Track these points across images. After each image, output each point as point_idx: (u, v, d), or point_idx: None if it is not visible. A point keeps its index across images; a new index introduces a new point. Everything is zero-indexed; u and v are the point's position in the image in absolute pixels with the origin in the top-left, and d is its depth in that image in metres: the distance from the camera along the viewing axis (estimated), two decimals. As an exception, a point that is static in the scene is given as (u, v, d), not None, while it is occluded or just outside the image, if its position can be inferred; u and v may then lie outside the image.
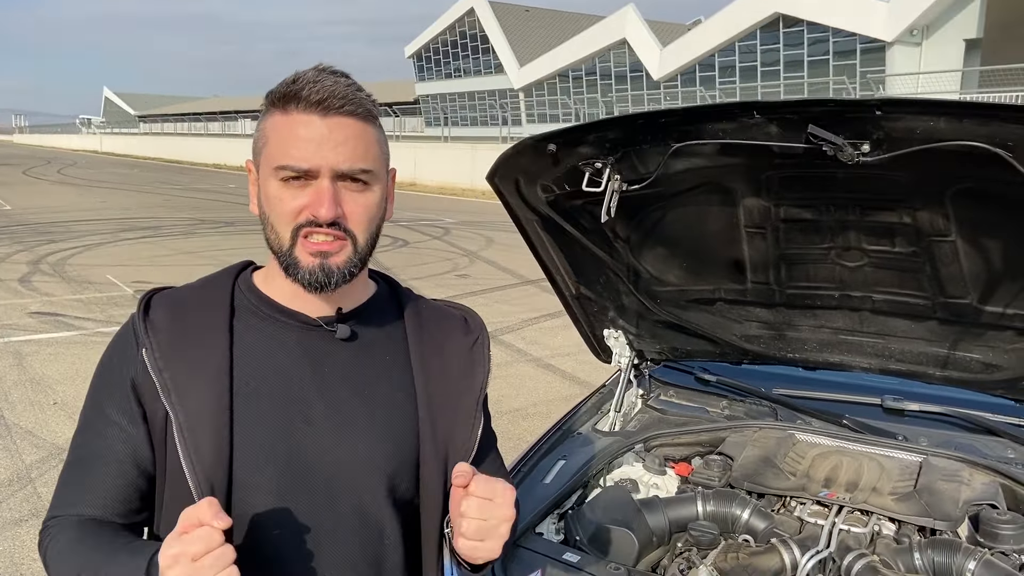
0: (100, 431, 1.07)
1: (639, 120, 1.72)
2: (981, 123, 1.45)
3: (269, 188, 1.01)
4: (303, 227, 0.99)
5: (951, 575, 1.81)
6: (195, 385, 1.01)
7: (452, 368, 1.11)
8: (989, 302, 1.94)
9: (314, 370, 1.04)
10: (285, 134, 0.98)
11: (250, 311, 1.07)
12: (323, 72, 0.97)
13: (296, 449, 1.02)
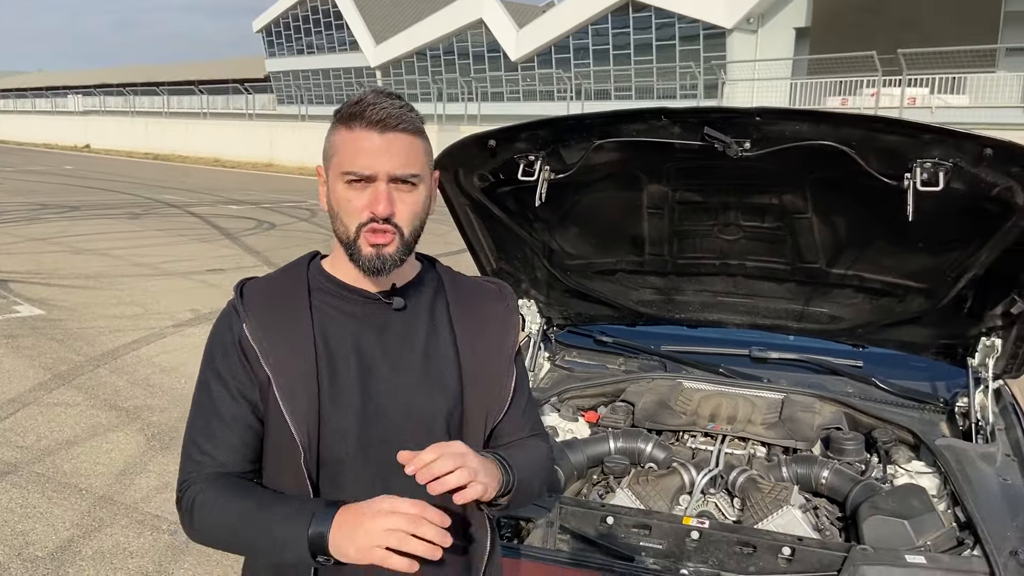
0: (221, 396, 1.27)
1: (568, 121, 2.07)
2: (833, 127, 1.90)
3: (337, 190, 1.25)
4: (365, 224, 1.24)
5: (810, 482, 2.30)
6: (287, 351, 1.25)
7: (488, 329, 1.38)
8: (835, 266, 2.43)
9: (377, 335, 1.29)
10: (350, 147, 1.22)
11: (323, 290, 1.31)
12: (380, 95, 1.22)
13: (369, 399, 1.27)
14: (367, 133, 1.21)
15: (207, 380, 1.29)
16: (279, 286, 1.32)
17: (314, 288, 1.30)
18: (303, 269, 1.33)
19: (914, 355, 2.71)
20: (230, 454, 1.27)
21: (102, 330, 7.17)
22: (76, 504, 3.97)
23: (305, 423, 1.22)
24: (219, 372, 1.27)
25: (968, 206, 1.99)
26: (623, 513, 2.16)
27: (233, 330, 1.27)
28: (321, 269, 1.33)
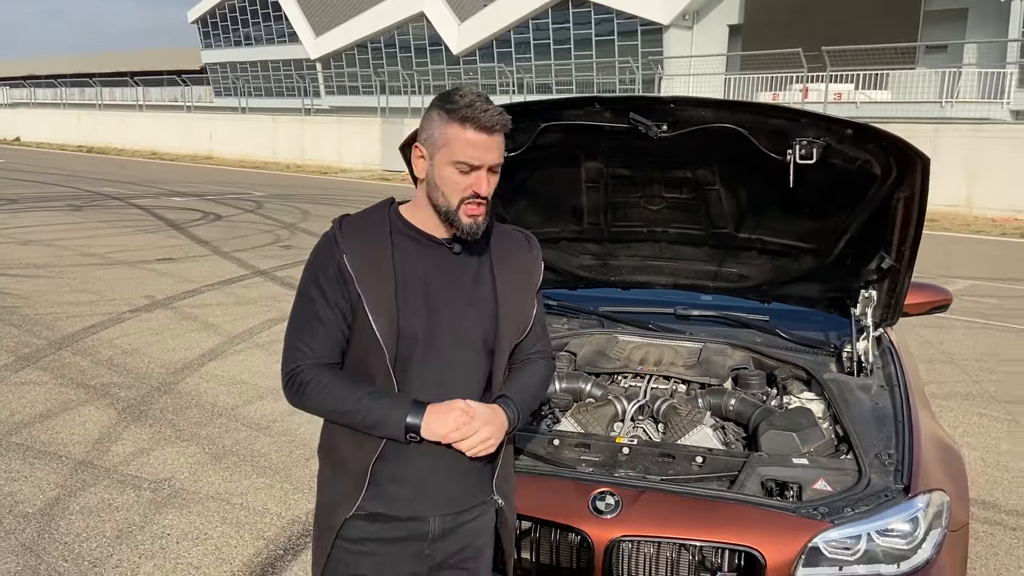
0: (323, 302, 1.66)
1: (518, 107, 2.48)
2: (731, 112, 2.35)
3: (445, 171, 1.62)
4: (466, 199, 1.64)
5: (720, 409, 2.77)
6: (374, 276, 1.64)
7: (518, 271, 1.80)
8: (741, 230, 2.90)
9: (438, 270, 1.70)
10: (463, 141, 1.60)
11: (401, 232, 1.69)
12: (484, 100, 1.61)
13: (433, 314, 1.68)
14: (478, 134, 1.61)
15: (309, 292, 1.67)
16: (370, 223, 1.70)
17: (394, 230, 1.70)
18: (385, 213, 1.72)
19: (811, 309, 3.21)
20: (325, 349, 1.67)
21: (59, 316, 7.33)
22: (58, 468, 4.23)
23: (388, 332, 1.64)
24: (321, 288, 1.67)
25: (840, 178, 2.46)
26: (567, 436, 2.59)
27: (334, 256, 1.66)
28: (400, 215, 1.73)
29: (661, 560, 2.16)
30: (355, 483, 1.72)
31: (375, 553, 1.75)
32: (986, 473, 4.31)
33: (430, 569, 1.80)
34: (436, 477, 1.73)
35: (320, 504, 1.82)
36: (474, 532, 1.83)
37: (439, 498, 1.75)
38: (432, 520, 1.76)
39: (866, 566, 2.14)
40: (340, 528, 1.75)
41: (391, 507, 1.73)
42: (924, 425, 2.59)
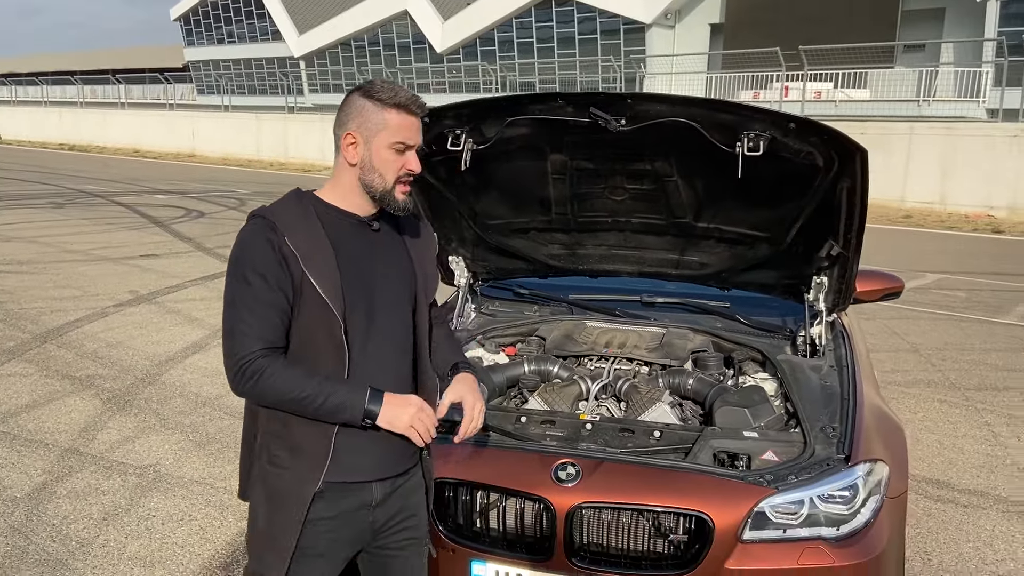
0: (267, 289, 1.73)
1: (487, 102, 2.62)
2: (685, 107, 2.51)
3: (383, 153, 1.77)
4: (401, 178, 1.80)
5: (679, 388, 2.93)
6: (316, 254, 1.76)
7: (423, 243, 2.00)
8: (700, 220, 3.06)
9: (367, 245, 1.85)
10: (399, 124, 1.76)
11: (325, 214, 1.82)
12: (404, 88, 1.78)
13: (370, 285, 1.83)
14: (411, 117, 1.79)
15: (246, 278, 1.73)
16: (295, 212, 1.81)
17: (318, 212, 1.83)
18: (304, 199, 1.84)
19: (768, 295, 3.37)
20: (272, 332, 1.74)
21: (43, 310, 7.40)
22: (45, 455, 4.34)
23: (338, 303, 1.76)
24: (261, 273, 1.72)
25: (788, 169, 2.62)
26: (533, 413, 2.75)
27: (273, 242, 1.74)
28: (318, 199, 1.85)
29: (618, 525, 2.32)
30: (319, 458, 1.80)
31: (329, 530, 1.84)
32: (943, 455, 4.50)
33: (374, 534, 1.92)
34: (378, 444, 1.85)
35: (273, 489, 1.84)
36: (409, 491, 1.97)
37: (382, 463, 1.88)
38: (374, 486, 1.88)
39: (808, 529, 2.30)
40: (311, 504, 1.81)
41: (349, 474, 1.83)
42: (868, 402, 2.76)
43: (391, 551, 1.98)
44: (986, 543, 3.57)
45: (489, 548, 2.40)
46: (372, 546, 1.96)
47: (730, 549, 2.26)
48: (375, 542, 1.95)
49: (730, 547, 2.26)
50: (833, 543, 2.29)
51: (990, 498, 4.00)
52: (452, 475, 2.43)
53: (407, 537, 1.98)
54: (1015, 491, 4.07)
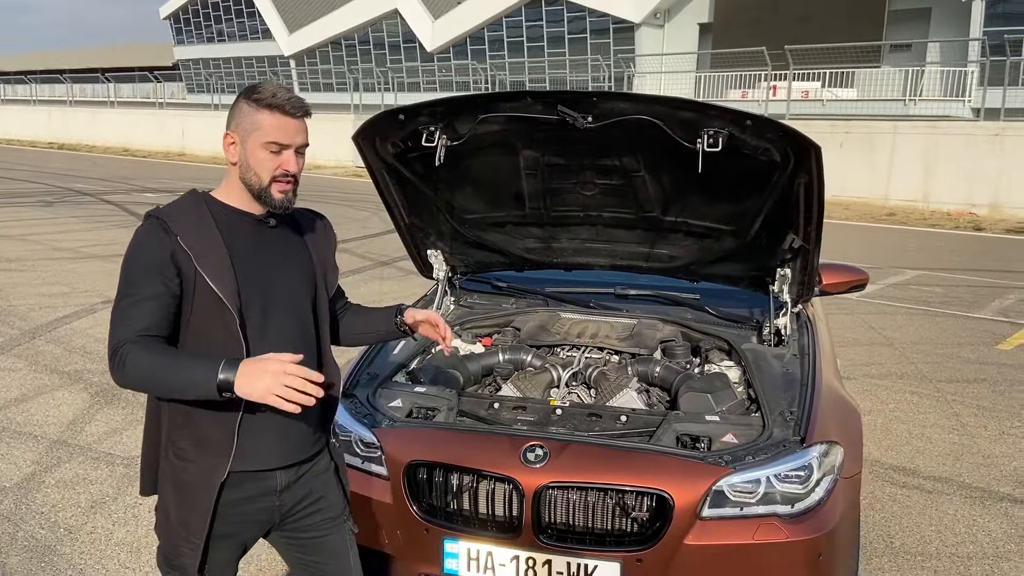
0: (152, 285, 1.79)
1: (459, 100, 2.73)
2: (648, 105, 2.62)
3: (258, 154, 1.84)
4: (277, 177, 1.86)
5: (647, 375, 3.04)
6: (210, 253, 1.82)
7: (322, 239, 2.08)
8: (667, 214, 3.17)
9: (262, 243, 1.92)
10: (272, 126, 1.82)
11: (220, 214, 1.88)
12: (286, 90, 1.84)
13: (265, 282, 1.89)
14: (284, 118, 1.84)
15: (136, 276, 1.78)
16: (190, 212, 1.87)
17: (213, 212, 1.89)
18: (199, 200, 1.90)
19: (735, 287, 3.49)
20: (152, 321, 1.77)
21: (32, 307, 7.47)
22: (34, 447, 4.43)
23: (233, 297, 1.81)
24: (148, 270, 1.78)
25: (748, 165, 2.74)
26: (506, 400, 2.86)
27: (164, 243, 1.79)
28: (214, 200, 1.91)
29: (583, 504, 2.43)
30: (223, 449, 1.86)
31: (236, 512, 1.92)
32: (911, 443, 4.63)
33: (282, 516, 2.01)
34: (280, 432, 1.92)
35: (181, 482, 1.90)
36: (313, 478, 2.04)
37: (284, 448, 1.95)
38: (279, 474, 1.95)
39: (764, 507, 2.42)
40: (220, 492, 1.87)
41: (254, 462, 1.90)
42: (827, 388, 2.88)
43: (311, 533, 2.06)
44: (948, 527, 3.70)
45: (461, 527, 2.51)
46: (284, 528, 2.04)
47: (689, 526, 2.37)
48: (285, 524, 2.02)
49: (689, 524, 2.37)
50: (787, 519, 2.41)
51: (954, 484, 4.13)
52: (424, 457, 2.54)
53: (323, 518, 2.07)
54: (979, 478, 4.21)
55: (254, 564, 3.29)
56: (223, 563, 1.96)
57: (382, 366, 3.11)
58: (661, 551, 2.37)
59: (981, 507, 3.89)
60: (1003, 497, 4.00)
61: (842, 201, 16.49)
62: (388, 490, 2.59)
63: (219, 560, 1.94)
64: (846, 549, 2.57)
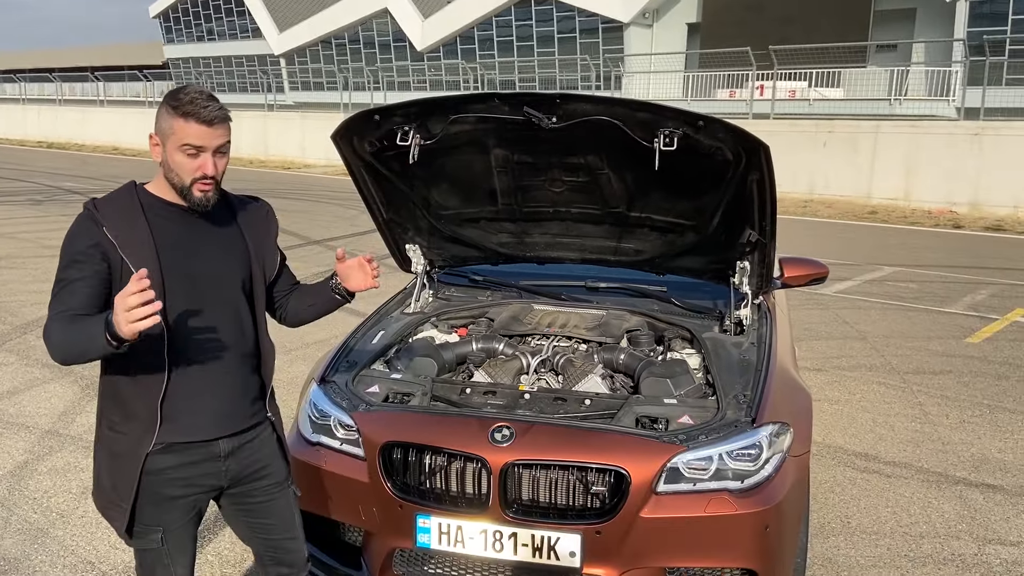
0: (79, 271, 1.91)
1: (431, 101, 2.89)
2: (608, 107, 2.78)
3: (176, 157, 1.97)
4: (197, 179, 1.99)
5: (612, 362, 3.21)
6: (134, 241, 1.96)
7: (259, 224, 2.23)
8: (632, 210, 3.34)
9: (192, 232, 2.06)
10: (186, 132, 1.93)
11: (151, 205, 2.03)
12: (205, 97, 1.95)
13: (191, 269, 2.03)
14: (199, 126, 1.96)
15: (72, 262, 1.93)
16: (121, 203, 2.02)
17: (144, 203, 2.04)
18: (132, 191, 2.06)
19: (699, 280, 3.66)
20: (80, 304, 1.89)
21: (23, 303, 7.59)
22: (26, 437, 4.56)
23: (156, 285, 1.87)
24: (79, 261, 1.93)
25: (704, 163, 2.90)
26: (477, 385, 3.02)
27: (92, 232, 1.95)
28: (146, 191, 2.07)
29: (547, 480, 2.59)
30: (149, 423, 2.01)
31: (181, 476, 2.08)
32: (874, 431, 4.82)
33: (230, 481, 2.17)
34: (214, 400, 2.08)
35: (112, 451, 2.06)
36: (257, 448, 2.21)
37: (220, 419, 2.11)
38: (220, 442, 2.11)
39: (716, 482, 2.59)
40: (145, 461, 2.02)
41: (185, 435, 2.05)
42: (781, 373, 3.05)
43: (258, 498, 2.24)
44: (903, 508, 3.88)
45: (433, 503, 2.67)
46: (233, 493, 2.21)
47: (645, 500, 2.54)
48: (234, 489, 2.19)
49: (645, 498, 2.54)
50: (737, 494, 2.58)
51: (912, 469, 4.31)
52: (399, 438, 2.70)
53: (270, 483, 2.24)
54: (937, 463, 4.39)
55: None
56: (177, 527, 2.12)
57: (361, 355, 3.27)
58: (619, 524, 2.54)
59: (937, 490, 4.07)
60: (959, 481, 4.18)
61: (825, 199, 16.72)
62: (365, 470, 2.74)
63: (172, 523, 2.11)
64: (794, 522, 2.74)
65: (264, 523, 2.27)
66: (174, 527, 2.11)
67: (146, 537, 2.09)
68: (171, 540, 2.11)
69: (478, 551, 2.62)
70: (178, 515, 2.12)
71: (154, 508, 2.08)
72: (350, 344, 3.32)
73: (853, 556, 3.45)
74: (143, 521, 2.08)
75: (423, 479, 2.69)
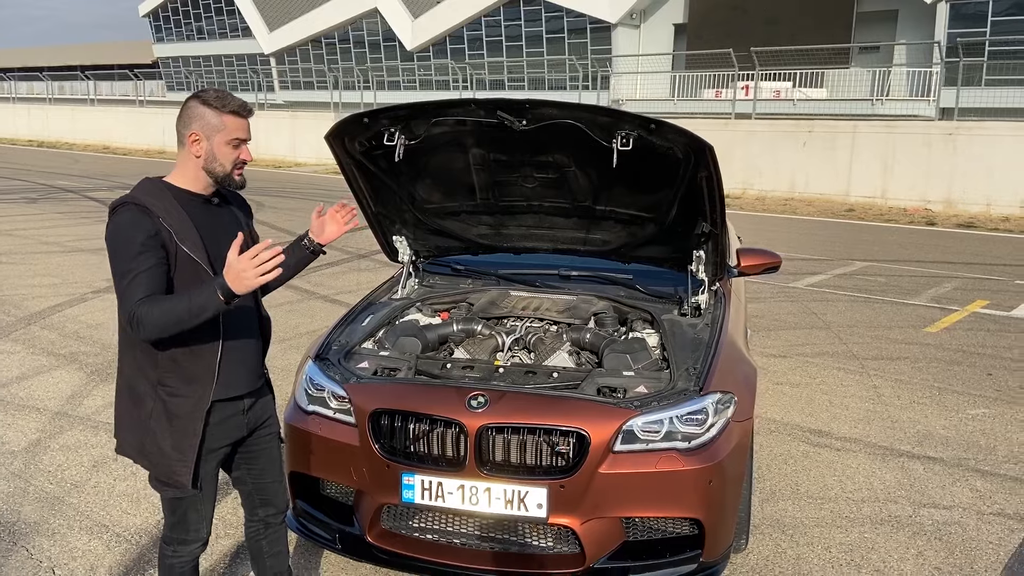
0: (147, 260, 2.24)
1: (415, 106, 3.23)
2: (571, 111, 3.12)
3: (223, 148, 2.34)
4: (237, 164, 2.38)
5: (579, 341, 3.56)
6: (183, 228, 2.31)
7: (245, 212, 2.60)
8: (598, 204, 3.68)
9: (212, 216, 2.43)
10: (235, 125, 2.34)
11: (180, 196, 2.37)
12: (234, 96, 2.34)
13: (219, 245, 2.35)
14: (243, 120, 2.37)
15: (138, 253, 2.22)
16: (159, 196, 2.34)
17: (175, 195, 2.37)
18: (160, 186, 2.38)
19: (662, 268, 4.01)
20: (152, 291, 2.22)
21: (25, 296, 7.88)
22: (37, 418, 4.88)
23: (207, 260, 2.32)
24: (142, 248, 2.22)
25: (660, 162, 3.25)
26: (456, 361, 3.36)
27: (147, 224, 2.24)
28: (171, 185, 2.40)
29: (517, 442, 2.93)
30: (207, 382, 2.37)
31: (219, 431, 2.46)
32: (829, 411, 5.18)
33: (248, 432, 2.59)
34: (241, 366, 2.48)
35: (174, 414, 2.37)
36: (265, 403, 2.64)
37: (250, 377, 2.52)
38: (244, 399, 2.52)
39: (667, 443, 2.93)
40: (208, 418, 2.38)
41: (228, 390, 2.43)
42: (729, 349, 3.40)
43: (260, 446, 2.65)
44: (849, 477, 4.24)
45: (416, 463, 3.00)
46: (243, 443, 2.61)
47: (603, 458, 2.88)
48: (246, 440, 2.61)
49: (603, 457, 2.88)
50: (684, 453, 2.92)
51: (861, 443, 4.68)
52: (386, 406, 3.03)
53: (268, 433, 2.68)
54: (884, 438, 4.76)
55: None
56: (210, 475, 2.49)
57: (352, 335, 3.60)
58: (580, 479, 2.88)
59: (881, 461, 4.44)
60: (902, 454, 4.55)
61: (805, 197, 17.14)
62: (356, 435, 3.07)
63: (207, 472, 2.47)
64: (736, 479, 3.09)
65: (259, 468, 2.67)
66: (208, 476, 2.48)
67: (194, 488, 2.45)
68: (204, 488, 2.47)
69: (456, 504, 2.96)
70: (212, 465, 2.49)
71: (204, 462, 2.44)
72: (343, 326, 3.65)
73: (799, 517, 3.81)
74: (199, 477, 2.43)
75: (408, 442, 3.02)
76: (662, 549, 3.01)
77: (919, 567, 3.40)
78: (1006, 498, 4.03)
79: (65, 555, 3.42)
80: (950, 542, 3.61)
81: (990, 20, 22.97)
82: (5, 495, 3.91)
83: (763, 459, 4.42)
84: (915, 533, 3.68)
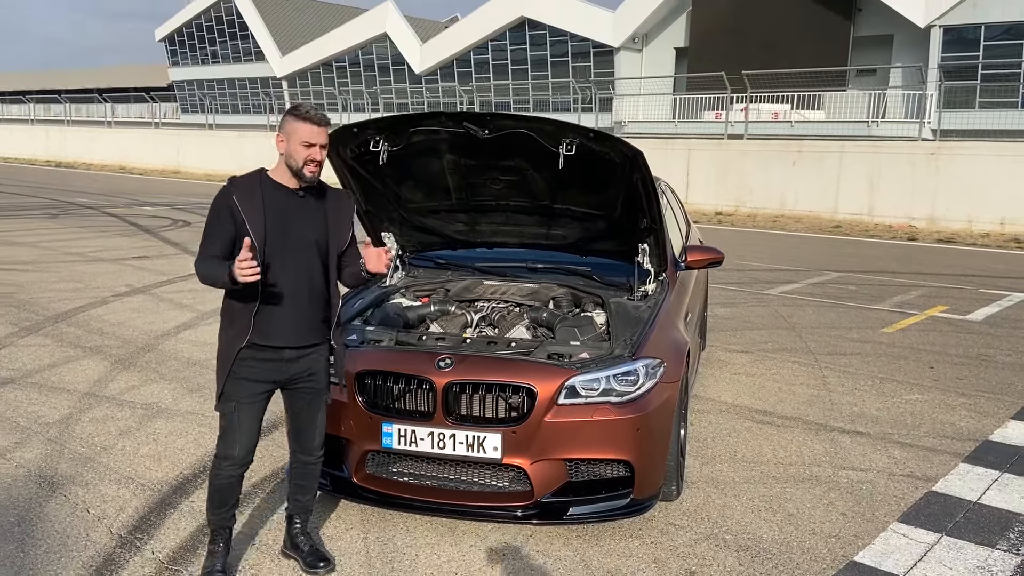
0: (218, 225, 2.95)
1: (395, 118, 3.87)
2: (526, 123, 3.75)
3: (297, 148, 2.96)
4: (308, 161, 2.99)
5: (537, 319, 4.16)
6: (251, 207, 2.94)
7: (340, 209, 3.19)
8: (555, 203, 4.30)
9: (292, 205, 3.04)
10: (306, 131, 2.96)
11: (267, 184, 3.01)
12: (315, 108, 2.98)
13: (285, 232, 3.01)
14: (312, 126, 2.98)
15: (214, 218, 2.98)
16: (250, 181, 3.02)
17: (263, 182, 3.03)
18: (257, 174, 3.05)
19: (615, 260, 4.61)
20: (217, 249, 2.95)
21: (52, 299, 8.53)
22: (68, 397, 5.49)
23: (262, 236, 2.95)
24: (218, 216, 2.97)
25: (602, 166, 3.87)
26: (430, 334, 3.96)
27: (226, 199, 2.96)
28: (267, 175, 3.06)
29: (478, 396, 3.52)
30: (243, 328, 3.00)
31: (254, 365, 3.05)
32: (777, 395, 5.74)
33: (287, 379, 3.14)
34: (288, 322, 3.04)
35: (224, 341, 3.07)
36: (313, 360, 3.16)
37: (289, 335, 3.07)
38: (287, 351, 3.07)
39: (603, 398, 3.52)
40: (238, 353, 3.02)
41: (265, 339, 3.02)
42: (664, 326, 3.99)
43: (303, 395, 3.21)
44: (782, 447, 4.80)
45: (394, 415, 3.59)
46: (288, 387, 3.18)
47: (549, 410, 3.46)
48: (289, 385, 3.17)
49: (549, 408, 3.47)
50: (617, 405, 3.51)
51: (800, 422, 5.24)
52: (369, 367, 3.63)
53: (310, 388, 3.21)
54: (821, 417, 5.32)
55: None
56: (245, 400, 3.08)
57: (345, 313, 4.21)
58: (529, 426, 3.46)
59: (814, 435, 5.00)
60: (835, 429, 5.11)
61: (795, 215, 17.72)
62: (344, 393, 3.67)
63: (239, 396, 3.07)
64: (663, 430, 3.66)
65: (295, 411, 3.26)
66: (244, 402, 3.07)
67: (227, 404, 3.08)
68: (241, 412, 3.08)
69: (427, 448, 3.54)
70: (247, 393, 3.07)
71: (234, 385, 3.07)
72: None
73: (732, 476, 4.37)
74: (227, 394, 3.08)
75: (387, 397, 3.62)
76: (599, 487, 3.59)
77: (827, 513, 3.96)
78: (918, 464, 4.58)
79: (97, 499, 4.01)
80: (859, 495, 4.16)
81: (982, 45, 23.62)
82: (44, 455, 4.51)
83: (708, 433, 4.98)
84: (830, 488, 4.24)
